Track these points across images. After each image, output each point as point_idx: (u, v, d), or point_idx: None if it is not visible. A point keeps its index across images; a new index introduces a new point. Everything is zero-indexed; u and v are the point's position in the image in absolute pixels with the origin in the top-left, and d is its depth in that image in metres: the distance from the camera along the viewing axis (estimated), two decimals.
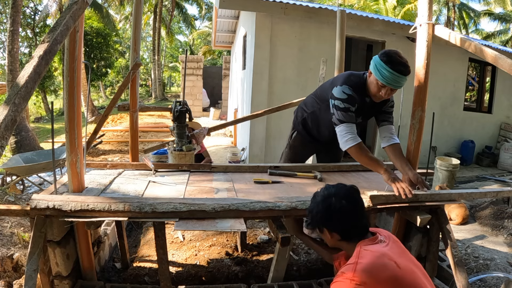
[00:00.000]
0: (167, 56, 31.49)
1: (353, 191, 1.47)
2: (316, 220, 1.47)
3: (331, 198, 1.42)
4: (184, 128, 2.71)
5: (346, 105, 2.07)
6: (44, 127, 14.95)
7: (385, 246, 1.33)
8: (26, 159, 4.97)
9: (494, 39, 18.93)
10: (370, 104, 2.19)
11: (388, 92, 2.00)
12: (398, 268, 1.24)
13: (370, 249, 1.31)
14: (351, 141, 2.04)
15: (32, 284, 1.54)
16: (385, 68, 1.91)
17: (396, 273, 1.23)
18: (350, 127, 2.07)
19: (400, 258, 1.29)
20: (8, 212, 1.68)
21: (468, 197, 2.16)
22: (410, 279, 1.24)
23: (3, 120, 1.14)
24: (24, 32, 17.30)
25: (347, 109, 2.07)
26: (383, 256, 1.27)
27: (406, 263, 1.29)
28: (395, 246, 1.36)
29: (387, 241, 1.37)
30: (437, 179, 5.21)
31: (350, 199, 1.42)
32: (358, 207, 1.44)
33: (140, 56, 2.83)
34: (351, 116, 2.08)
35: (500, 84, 7.73)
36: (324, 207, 1.42)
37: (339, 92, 2.09)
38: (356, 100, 2.09)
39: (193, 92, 13.79)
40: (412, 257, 1.39)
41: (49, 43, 1.33)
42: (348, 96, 2.08)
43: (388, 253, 1.29)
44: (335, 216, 1.40)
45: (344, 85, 2.09)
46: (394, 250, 1.33)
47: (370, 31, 5.78)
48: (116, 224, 2.45)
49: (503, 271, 2.57)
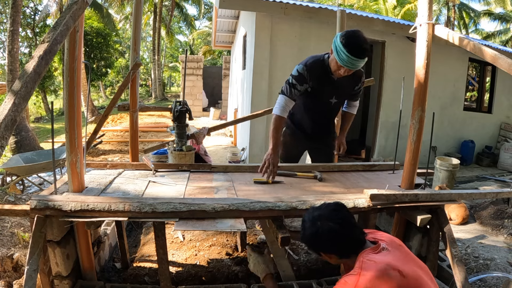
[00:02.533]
0: (167, 56, 31.49)
1: (337, 208, 1.43)
2: (310, 246, 1.45)
3: (317, 222, 1.39)
4: (184, 128, 2.71)
5: (294, 82, 2.27)
6: (44, 127, 14.95)
7: (388, 254, 1.31)
8: (26, 159, 4.97)
9: (494, 39, 18.93)
10: (341, 83, 2.33)
11: (346, 71, 2.14)
12: (403, 278, 1.22)
13: (374, 260, 1.28)
14: (278, 111, 2.28)
15: (32, 284, 1.54)
16: (342, 51, 2.01)
17: (400, 283, 1.21)
18: (286, 102, 2.29)
19: (404, 265, 1.27)
20: (8, 212, 1.68)
21: (468, 197, 2.16)
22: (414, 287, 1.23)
23: (3, 120, 1.14)
24: (24, 32, 17.30)
25: (293, 86, 2.27)
26: (387, 266, 1.24)
27: (410, 269, 1.27)
28: (398, 252, 1.33)
29: (390, 248, 1.34)
30: (437, 179, 5.21)
31: (336, 218, 1.37)
32: (345, 223, 1.38)
33: (140, 56, 2.83)
34: (293, 93, 2.29)
35: (500, 84, 7.73)
36: (312, 233, 1.39)
37: (294, 70, 2.30)
38: (306, 80, 2.27)
39: (193, 92, 13.80)
40: (417, 259, 1.37)
41: (49, 43, 1.33)
42: (299, 74, 2.26)
43: (392, 262, 1.26)
44: (325, 239, 1.37)
45: (300, 65, 2.29)
46: (398, 257, 1.30)
47: (370, 31, 5.78)
48: (116, 224, 2.45)
49: (503, 271, 2.57)
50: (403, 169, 2.06)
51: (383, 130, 6.51)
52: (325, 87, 2.32)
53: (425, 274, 1.30)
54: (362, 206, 1.82)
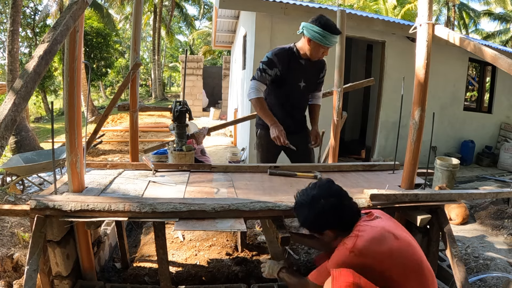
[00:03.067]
0: (167, 56, 31.50)
1: (329, 184, 1.53)
2: (313, 228, 1.50)
3: (318, 201, 1.44)
4: (184, 128, 2.71)
5: (264, 67, 2.48)
6: (44, 127, 14.95)
7: (381, 221, 1.44)
8: (26, 159, 4.97)
9: (494, 39, 18.93)
10: (308, 68, 2.57)
11: (323, 51, 2.42)
12: (396, 239, 1.35)
13: (370, 224, 1.41)
14: (253, 94, 2.48)
15: (32, 284, 1.54)
16: (322, 32, 2.29)
17: (394, 244, 1.34)
18: (258, 85, 2.49)
19: (396, 230, 1.41)
20: (8, 212, 1.68)
21: (468, 197, 2.16)
22: (406, 249, 1.36)
23: (3, 120, 1.14)
24: (24, 32, 17.31)
25: (264, 70, 2.48)
26: (382, 229, 1.38)
27: (402, 234, 1.41)
28: (390, 221, 1.48)
29: (382, 217, 1.47)
30: (437, 179, 5.20)
31: (334, 193, 1.47)
32: (342, 196, 1.49)
33: (140, 56, 2.83)
34: (264, 77, 2.49)
35: (500, 84, 7.73)
36: (316, 213, 1.44)
37: (264, 58, 2.51)
38: (275, 64, 2.47)
39: (193, 92, 13.79)
40: (407, 231, 1.50)
41: (49, 43, 1.33)
42: (268, 59, 2.48)
43: (386, 227, 1.40)
44: (330, 215, 1.44)
45: (269, 52, 2.52)
46: (390, 224, 1.45)
47: (370, 31, 5.78)
48: (116, 224, 2.45)
49: (503, 271, 2.57)
50: (403, 169, 2.06)
51: (383, 130, 6.51)
52: (293, 70, 2.54)
53: (413, 240, 1.45)
54: (362, 206, 1.82)
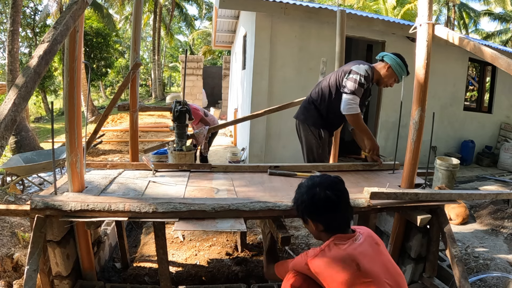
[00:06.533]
0: (167, 56, 31.48)
1: (337, 181, 1.45)
2: (301, 210, 1.45)
3: (316, 188, 1.40)
4: (184, 128, 2.71)
5: (363, 81, 2.46)
6: (44, 127, 14.95)
7: (357, 246, 1.30)
8: (26, 159, 4.97)
9: (494, 39, 18.93)
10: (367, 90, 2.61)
11: (392, 82, 2.56)
12: (357, 271, 1.22)
13: (340, 246, 1.30)
14: (354, 109, 2.46)
15: (32, 284, 1.54)
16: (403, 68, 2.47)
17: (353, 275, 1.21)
18: (356, 100, 2.46)
19: (367, 261, 1.25)
20: (8, 212, 1.68)
21: (468, 197, 2.16)
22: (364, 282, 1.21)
23: (3, 120, 1.14)
24: (24, 32, 17.31)
25: (362, 85, 2.46)
26: (347, 256, 1.26)
27: (371, 268, 1.24)
28: (369, 249, 1.31)
29: (362, 241, 1.33)
30: (437, 179, 5.20)
31: (335, 189, 1.40)
32: (342, 198, 1.41)
33: (140, 56, 2.83)
34: (361, 92, 2.48)
35: (500, 84, 7.72)
36: (308, 197, 1.40)
37: (362, 70, 2.48)
38: (370, 80, 2.51)
39: (193, 92, 13.79)
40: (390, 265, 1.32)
41: (49, 43, 1.33)
42: (368, 75, 2.49)
43: (354, 254, 1.26)
44: (320, 206, 1.38)
45: (368, 66, 2.52)
46: (365, 253, 1.29)
47: (370, 31, 5.78)
48: (116, 224, 2.45)
49: (503, 271, 2.57)
50: (403, 169, 2.06)
51: (383, 130, 6.51)
52: (365, 90, 2.57)
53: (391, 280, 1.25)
54: (362, 206, 1.82)
